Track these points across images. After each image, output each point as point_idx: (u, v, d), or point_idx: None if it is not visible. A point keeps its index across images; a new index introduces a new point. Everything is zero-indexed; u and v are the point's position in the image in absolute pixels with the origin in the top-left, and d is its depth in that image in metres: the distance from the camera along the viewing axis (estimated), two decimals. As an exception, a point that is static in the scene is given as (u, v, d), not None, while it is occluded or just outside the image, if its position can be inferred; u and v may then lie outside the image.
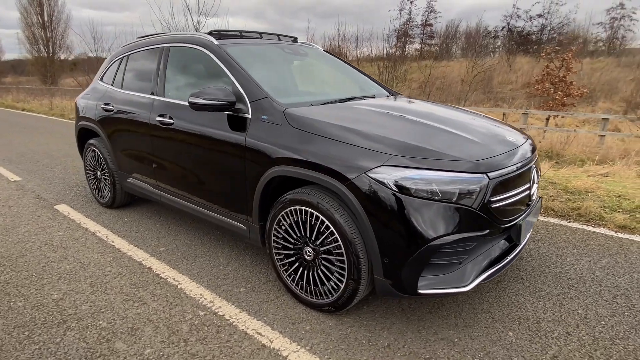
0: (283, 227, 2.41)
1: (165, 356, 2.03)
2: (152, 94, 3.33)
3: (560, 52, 12.99)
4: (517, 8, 26.78)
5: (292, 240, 2.39)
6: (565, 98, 11.69)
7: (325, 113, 2.48)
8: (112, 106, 3.69)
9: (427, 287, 2.00)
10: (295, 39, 3.77)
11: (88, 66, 25.22)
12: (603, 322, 2.29)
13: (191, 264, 3.00)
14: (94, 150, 4.04)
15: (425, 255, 1.93)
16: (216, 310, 2.42)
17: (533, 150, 2.50)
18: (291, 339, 2.16)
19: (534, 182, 2.40)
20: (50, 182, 5.12)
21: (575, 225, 3.70)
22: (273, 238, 2.49)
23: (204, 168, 2.88)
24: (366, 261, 2.10)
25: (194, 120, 2.89)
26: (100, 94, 3.95)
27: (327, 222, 2.16)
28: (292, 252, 2.41)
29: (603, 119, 10.29)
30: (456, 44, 33.77)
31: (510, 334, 2.20)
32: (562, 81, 11.93)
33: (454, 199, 1.93)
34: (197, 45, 3.05)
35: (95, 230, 3.63)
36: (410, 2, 30.91)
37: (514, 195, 2.17)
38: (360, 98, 3.03)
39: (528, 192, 2.31)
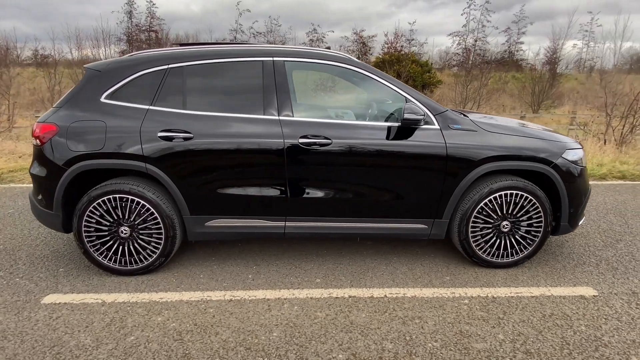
0: (484, 213, 3.01)
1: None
2: (265, 113, 2.87)
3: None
4: (240, 24, 29.67)
5: (492, 221, 3.04)
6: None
7: (489, 118, 3.25)
8: (190, 133, 2.78)
9: (580, 221, 3.24)
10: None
11: None
12: None
13: (377, 278, 2.98)
14: (118, 200, 2.81)
15: (587, 201, 3.16)
16: (507, 295, 2.78)
17: None
18: (573, 284, 2.91)
19: None
20: None
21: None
22: (470, 224, 3.02)
23: (383, 183, 2.95)
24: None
25: (364, 138, 2.89)
26: (133, 118, 2.80)
27: (529, 197, 2.99)
28: (490, 230, 3.06)
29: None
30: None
31: None
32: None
33: (585, 164, 3.23)
34: (338, 62, 2.97)
35: (202, 297, 2.72)
36: (130, 5, 28.70)
37: None
38: None
39: None
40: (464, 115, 3.31)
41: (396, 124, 2.94)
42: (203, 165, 2.86)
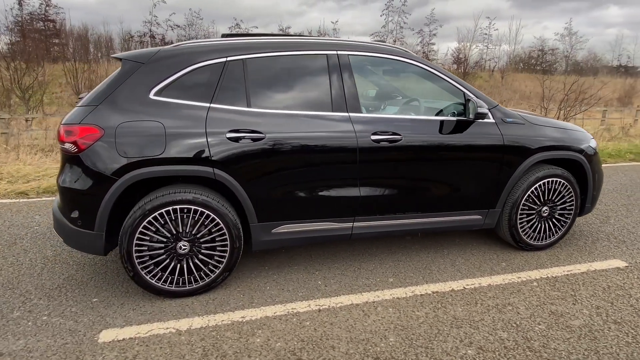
0: (530, 200, 3.23)
1: None
2: (334, 109, 2.72)
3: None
4: (155, 16, 27.51)
5: (535, 207, 3.26)
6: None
7: (524, 112, 3.46)
8: (261, 133, 2.50)
9: None
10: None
11: None
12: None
13: (443, 272, 3.02)
14: (179, 211, 2.43)
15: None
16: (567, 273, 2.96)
17: None
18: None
19: None
20: None
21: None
22: (520, 208, 3.21)
23: (448, 177, 2.99)
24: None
25: (429, 133, 2.90)
26: (194, 118, 2.44)
27: (566, 183, 3.28)
28: (533, 216, 3.28)
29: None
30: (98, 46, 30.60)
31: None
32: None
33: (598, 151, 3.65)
34: (398, 56, 2.95)
35: (287, 310, 2.49)
36: (20, -10, 24.71)
37: None
38: None
39: None
40: None
41: (453, 119, 3.00)
42: (274, 168, 2.62)
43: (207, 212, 2.51)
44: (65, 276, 2.92)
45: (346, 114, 2.75)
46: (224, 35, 3.09)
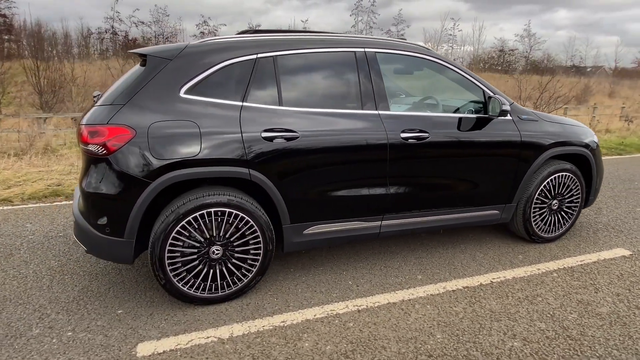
0: (542, 194, 3.34)
1: None
2: (363, 107, 2.70)
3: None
4: (118, 12, 26.23)
5: (547, 201, 3.39)
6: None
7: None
8: (296, 132, 2.43)
9: None
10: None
11: None
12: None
13: (467, 267, 3.07)
14: (213, 214, 2.32)
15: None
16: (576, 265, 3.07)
17: None
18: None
19: None
20: None
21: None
22: (534, 202, 3.31)
23: (471, 173, 3.04)
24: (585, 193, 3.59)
25: (455, 130, 2.93)
26: (228, 117, 2.34)
27: (572, 175, 3.42)
28: (544, 209, 3.40)
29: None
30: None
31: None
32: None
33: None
34: (420, 54, 2.96)
35: (327, 312, 2.44)
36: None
37: None
38: None
39: None
40: None
41: (473, 116, 3.05)
42: (308, 167, 2.56)
43: (241, 214, 2.42)
44: (79, 288, 2.72)
45: (376, 112, 2.74)
46: (240, 33, 2.99)
